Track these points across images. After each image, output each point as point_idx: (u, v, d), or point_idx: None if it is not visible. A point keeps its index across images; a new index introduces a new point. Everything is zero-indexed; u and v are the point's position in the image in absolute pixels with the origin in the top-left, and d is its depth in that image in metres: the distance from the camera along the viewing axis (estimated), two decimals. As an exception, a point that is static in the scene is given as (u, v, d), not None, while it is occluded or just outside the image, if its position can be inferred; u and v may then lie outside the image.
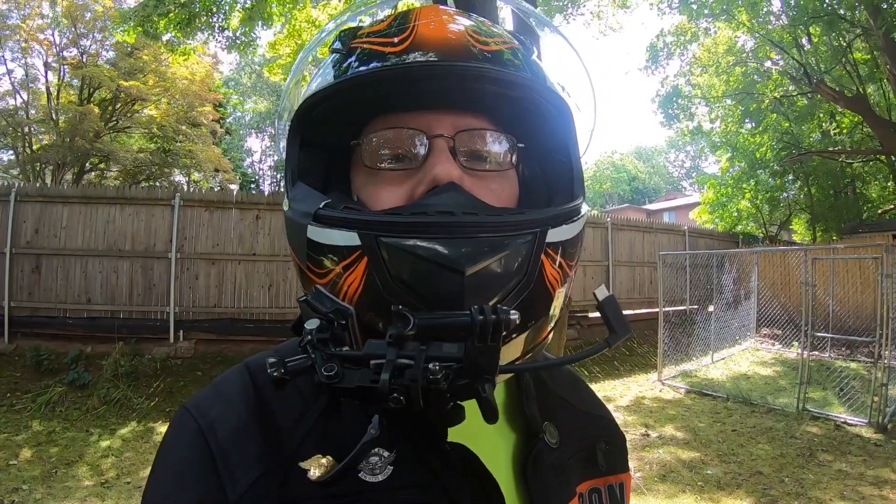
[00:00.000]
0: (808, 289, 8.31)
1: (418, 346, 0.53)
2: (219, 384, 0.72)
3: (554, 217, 0.68)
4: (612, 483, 0.84)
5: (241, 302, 10.03)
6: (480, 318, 0.51)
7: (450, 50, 0.69)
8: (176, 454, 0.65)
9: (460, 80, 0.69)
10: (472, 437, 0.67)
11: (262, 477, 0.62)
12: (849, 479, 5.50)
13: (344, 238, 0.63)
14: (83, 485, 5.48)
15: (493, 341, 0.52)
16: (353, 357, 0.54)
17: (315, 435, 0.66)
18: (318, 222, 0.65)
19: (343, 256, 0.63)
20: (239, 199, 10.51)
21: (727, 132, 19.47)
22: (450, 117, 0.72)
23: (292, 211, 0.71)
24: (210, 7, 10.14)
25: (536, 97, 0.74)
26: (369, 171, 0.73)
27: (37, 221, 9.37)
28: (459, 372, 0.52)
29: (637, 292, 14.39)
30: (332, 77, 0.71)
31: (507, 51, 0.73)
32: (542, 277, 0.65)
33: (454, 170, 0.69)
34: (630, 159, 63.06)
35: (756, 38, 17.03)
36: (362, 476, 0.63)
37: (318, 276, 0.66)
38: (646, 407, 8.49)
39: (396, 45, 0.69)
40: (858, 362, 10.35)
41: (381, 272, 0.61)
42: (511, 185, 0.76)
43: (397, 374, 0.51)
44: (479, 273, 0.59)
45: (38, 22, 19.65)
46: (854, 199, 18.73)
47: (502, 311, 0.52)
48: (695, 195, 38.07)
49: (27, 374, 8.27)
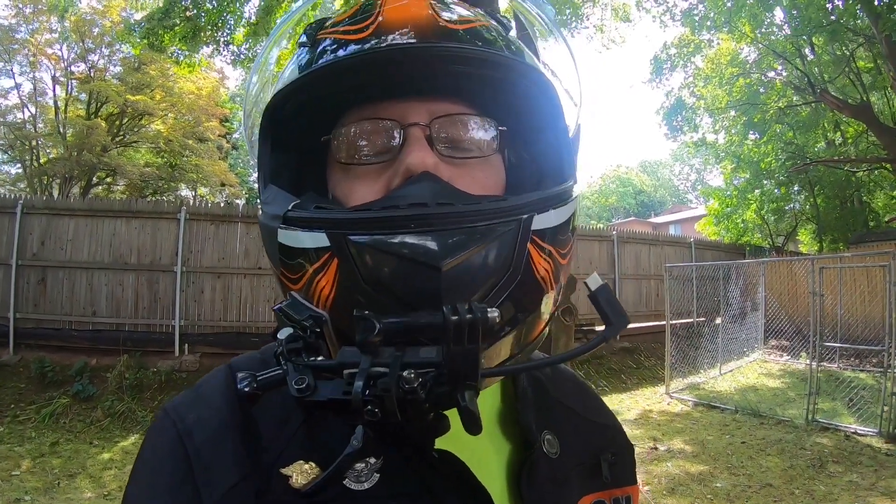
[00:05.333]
0: (815, 298, 8.24)
1: (393, 353, 0.50)
2: (200, 386, 0.69)
3: (540, 201, 0.63)
4: (617, 496, 0.79)
5: (246, 316, 10.02)
6: (454, 318, 0.48)
7: (419, 31, 0.65)
8: (153, 462, 0.62)
9: (433, 63, 0.65)
10: (462, 446, 0.63)
11: (239, 483, 0.59)
12: (860, 490, 5.43)
13: (313, 239, 0.59)
14: (85, 496, 5.46)
15: (472, 343, 0.48)
16: (327, 367, 0.51)
17: (299, 440, 0.63)
18: (287, 224, 0.62)
19: (313, 259, 0.60)
20: (244, 212, 10.50)
21: (731, 143, 19.46)
22: (425, 104, 0.68)
23: (263, 215, 0.67)
24: (215, 21, 10.24)
25: (516, 76, 0.69)
26: (343, 168, 0.69)
27: (43, 234, 9.40)
28: (437, 379, 0.49)
29: (644, 305, 14.31)
30: (297, 73, 0.68)
31: (481, 28, 0.69)
32: (531, 269, 0.61)
33: (428, 157, 0.64)
34: (635, 173, 63.08)
35: (759, 49, 17.06)
36: (347, 483, 0.60)
37: (292, 281, 0.63)
38: (653, 420, 8.42)
39: (362, 32, 0.66)
40: (867, 372, 10.25)
41: (352, 273, 0.57)
42: (496, 171, 0.72)
43: (371, 383, 0.48)
44: (457, 268, 0.55)
45: (46, 37, 19.86)
46: (860, 208, 18.66)
47: (479, 309, 0.48)
48: (700, 207, 38.14)
49: (31, 386, 8.25)
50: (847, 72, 15.40)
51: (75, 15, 18.15)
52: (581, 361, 10.67)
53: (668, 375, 10.17)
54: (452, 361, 0.48)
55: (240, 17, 10.65)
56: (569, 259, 0.69)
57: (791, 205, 20.22)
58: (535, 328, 0.67)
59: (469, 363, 0.48)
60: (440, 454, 0.61)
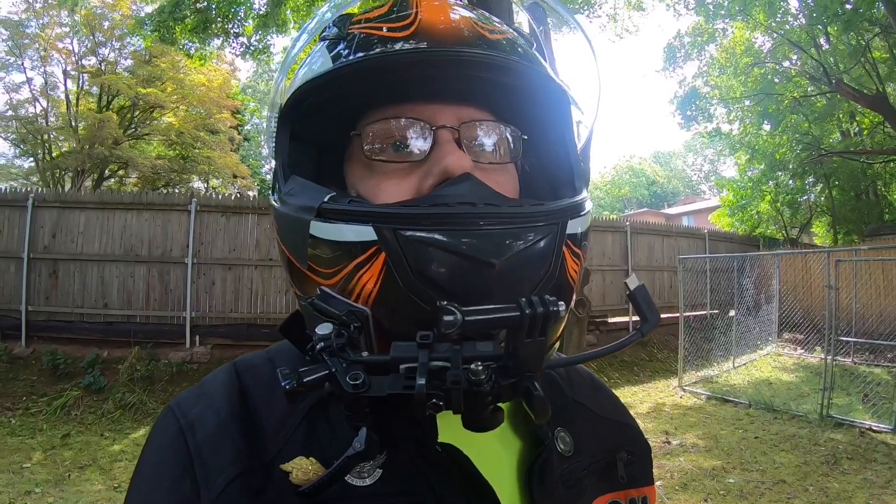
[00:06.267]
0: (830, 291, 8.14)
1: (451, 347, 0.51)
2: (204, 383, 0.70)
3: (572, 207, 0.66)
4: (633, 496, 0.77)
5: (257, 308, 10.04)
6: (529, 311, 0.49)
7: (456, 37, 0.66)
8: (155, 456, 0.63)
9: (467, 68, 0.66)
10: (470, 444, 0.62)
11: (238, 478, 0.58)
12: (874, 487, 5.36)
13: (356, 233, 0.58)
14: (95, 489, 5.49)
15: (542, 335, 0.50)
16: (379, 362, 0.52)
17: (300, 436, 0.63)
18: (323, 217, 0.61)
19: (356, 253, 0.58)
20: (255, 204, 10.51)
21: (746, 133, 19.29)
22: (453, 108, 0.69)
23: (288, 206, 0.66)
24: (226, 13, 10.22)
25: (539, 88, 0.72)
26: (368, 164, 0.68)
27: (54, 226, 9.48)
28: (501, 371, 0.50)
29: (657, 297, 14.16)
30: (330, 64, 0.66)
31: (509, 39, 0.70)
32: (565, 270, 0.64)
33: (466, 161, 0.65)
34: (649, 163, 62.75)
35: (774, 38, 16.89)
36: (349, 479, 0.59)
37: (324, 276, 0.62)
38: (666, 414, 8.37)
39: (403, 30, 0.66)
40: (883, 367, 10.14)
41: (403, 268, 0.57)
42: (513, 178, 0.74)
43: (433, 377, 0.49)
44: (508, 265, 0.57)
45: (56, 31, 19.95)
46: (876, 200, 18.45)
47: (550, 303, 0.50)
48: (714, 199, 37.92)
49: (43, 378, 8.33)
50: (863, 62, 15.19)
51: (85, 9, 18.18)
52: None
53: (681, 368, 10.11)
54: (521, 353, 0.50)
55: (249, 8, 10.63)
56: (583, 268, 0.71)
57: (806, 196, 20.04)
58: (561, 326, 0.69)
59: (537, 355, 0.51)
60: (444, 448, 0.61)
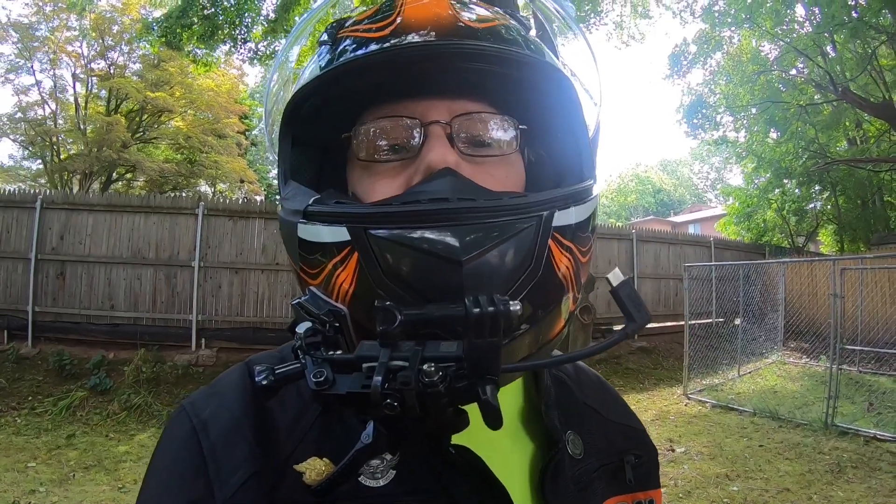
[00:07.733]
0: (836, 300, 8.12)
1: (413, 346, 0.50)
2: (217, 382, 0.70)
3: (561, 198, 0.63)
4: (640, 500, 0.78)
5: (263, 311, 10.06)
6: (476, 310, 0.47)
7: (439, 30, 0.65)
8: (168, 456, 0.63)
9: (452, 61, 0.66)
10: (484, 444, 0.63)
11: (252, 478, 0.59)
12: (879, 496, 5.33)
13: (332, 234, 0.60)
14: (100, 489, 5.52)
15: (493, 336, 0.47)
16: (345, 361, 0.51)
17: (313, 435, 0.63)
18: (308, 219, 0.63)
19: (333, 253, 0.60)
20: (262, 208, 10.55)
21: (752, 141, 19.24)
22: (445, 102, 0.69)
23: (284, 210, 0.68)
24: (233, 19, 10.26)
25: (536, 75, 0.70)
26: (363, 165, 0.70)
27: (62, 228, 9.54)
28: (458, 373, 0.48)
29: (662, 305, 14.17)
30: (318, 71, 0.68)
31: (500, 27, 0.69)
32: (552, 266, 0.61)
33: (449, 155, 0.65)
34: (655, 171, 62.60)
35: (780, 46, 16.86)
36: (362, 480, 0.60)
37: (311, 276, 0.64)
38: (671, 421, 8.34)
39: (382, 30, 0.66)
40: (888, 376, 10.08)
41: (373, 267, 0.57)
42: (516, 170, 0.73)
43: (390, 377, 0.48)
44: (478, 262, 0.55)
45: (66, 34, 20.13)
46: (882, 208, 18.35)
47: (501, 302, 0.48)
48: (720, 207, 37.74)
49: (49, 379, 8.38)
50: (869, 70, 15.14)
51: (95, 12, 18.34)
52: (598, 360, 10.62)
53: (685, 376, 10.07)
54: (473, 355, 0.48)
55: (257, 15, 10.67)
56: (589, 258, 0.70)
57: (812, 204, 19.96)
58: (554, 326, 0.66)
59: (491, 357, 0.48)
60: (457, 450, 0.60)
